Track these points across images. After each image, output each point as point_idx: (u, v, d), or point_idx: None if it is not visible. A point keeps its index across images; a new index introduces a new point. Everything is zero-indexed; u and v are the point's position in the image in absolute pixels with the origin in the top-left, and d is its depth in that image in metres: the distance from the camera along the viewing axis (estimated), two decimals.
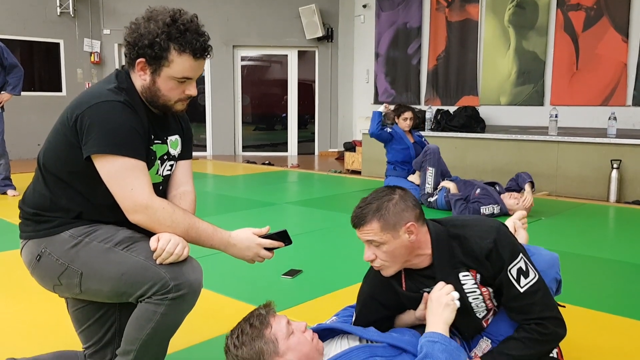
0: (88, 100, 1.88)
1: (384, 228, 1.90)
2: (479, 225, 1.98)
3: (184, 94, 1.98)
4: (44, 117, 10.24)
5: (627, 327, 2.98)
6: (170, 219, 1.89)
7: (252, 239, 2.02)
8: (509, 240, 1.96)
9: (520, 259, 1.92)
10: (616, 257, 4.33)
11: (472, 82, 9.92)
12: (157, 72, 1.92)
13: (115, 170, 1.85)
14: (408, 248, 1.94)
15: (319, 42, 11.78)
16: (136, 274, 1.85)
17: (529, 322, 1.90)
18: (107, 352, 2.13)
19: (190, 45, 1.89)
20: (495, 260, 1.91)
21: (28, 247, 1.98)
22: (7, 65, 6.53)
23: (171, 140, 2.10)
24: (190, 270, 1.88)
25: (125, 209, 1.88)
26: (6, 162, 6.77)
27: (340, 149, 11.46)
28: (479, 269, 1.95)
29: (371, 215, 1.92)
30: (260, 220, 5.58)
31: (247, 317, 1.87)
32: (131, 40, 1.91)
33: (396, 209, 1.91)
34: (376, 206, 1.92)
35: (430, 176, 6.09)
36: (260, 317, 1.85)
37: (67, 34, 11.19)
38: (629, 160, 6.79)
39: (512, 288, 1.90)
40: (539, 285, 1.92)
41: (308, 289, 3.48)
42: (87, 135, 1.84)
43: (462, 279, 1.97)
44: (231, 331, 1.87)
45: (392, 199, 1.93)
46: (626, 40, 8.25)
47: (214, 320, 2.98)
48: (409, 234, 1.91)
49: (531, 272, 1.93)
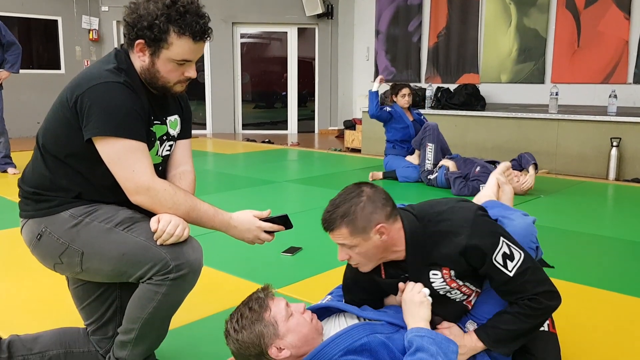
0: (88, 81, 1.86)
1: (353, 232, 1.85)
2: (453, 219, 1.91)
3: (183, 76, 1.97)
4: (43, 95, 10.22)
5: (624, 304, 3.01)
6: (172, 200, 1.89)
7: (252, 222, 2.03)
8: (486, 228, 1.90)
9: (502, 244, 1.88)
10: (615, 234, 4.35)
11: (473, 60, 9.87)
12: (156, 54, 1.91)
13: (116, 152, 1.85)
14: (381, 247, 1.90)
15: (319, 19, 11.70)
16: (137, 254, 1.86)
17: (523, 299, 1.89)
18: (108, 329, 2.14)
19: (190, 27, 1.87)
20: (473, 254, 1.87)
21: (28, 226, 1.98)
22: (5, 42, 6.50)
23: (170, 120, 2.10)
24: (191, 251, 1.89)
25: (127, 191, 1.89)
26: (6, 140, 6.77)
27: (340, 127, 11.44)
28: (452, 266, 1.92)
29: (339, 220, 1.86)
30: (260, 199, 5.59)
31: (246, 301, 1.87)
32: (130, 21, 1.89)
33: (364, 212, 1.85)
34: (343, 211, 1.85)
35: (430, 152, 6.08)
36: (259, 301, 1.85)
37: (65, 11, 11.11)
38: (629, 138, 6.79)
39: (501, 274, 1.87)
40: (527, 264, 1.88)
41: (308, 267, 3.51)
42: (87, 118, 1.83)
43: (431, 277, 1.95)
44: (230, 315, 1.87)
45: (360, 201, 1.86)
46: (628, 17, 8.20)
47: (214, 297, 3.01)
48: (380, 234, 1.86)
49: (516, 253, 1.89)
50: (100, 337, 2.15)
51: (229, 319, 1.87)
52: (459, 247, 1.86)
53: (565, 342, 2.42)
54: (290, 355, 1.81)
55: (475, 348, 1.93)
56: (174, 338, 2.45)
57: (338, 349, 1.79)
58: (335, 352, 1.78)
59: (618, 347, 2.52)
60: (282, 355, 1.80)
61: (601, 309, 2.93)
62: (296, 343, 1.81)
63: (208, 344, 2.52)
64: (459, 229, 1.88)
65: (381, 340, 1.82)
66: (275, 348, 1.80)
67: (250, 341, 1.80)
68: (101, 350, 2.14)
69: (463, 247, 1.86)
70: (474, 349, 1.93)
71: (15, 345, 2.11)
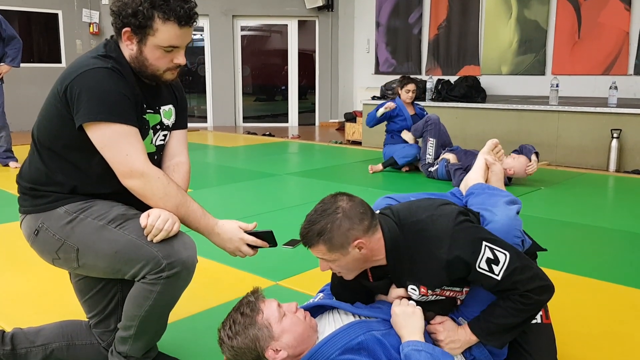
0: (76, 70, 1.86)
1: (331, 249, 1.82)
2: (432, 230, 1.86)
3: (172, 63, 1.95)
4: (44, 88, 10.10)
5: (624, 295, 3.02)
6: (164, 190, 1.89)
7: (236, 233, 1.99)
8: (466, 237, 1.84)
9: (485, 249, 1.82)
10: (615, 226, 4.37)
11: (474, 52, 9.86)
12: (143, 42, 1.90)
13: (108, 137, 1.85)
14: (361, 260, 1.87)
15: (319, 12, 11.68)
16: (129, 252, 1.86)
17: (514, 294, 1.87)
18: (110, 322, 2.16)
19: (175, 12, 1.85)
20: (456, 267, 1.83)
21: (27, 221, 2.00)
22: (6, 36, 6.50)
23: (164, 110, 2.09)
24: (183, 248, 1.88)
25: (120, 175, 1.88)
26: (7, 134, 6.78)
27: (340, 119, 11.44)
28: (432, 281, 1.88)
29: (316, 238, 1.81)
30: (261, 191, 5.60)
31: (237, 307, 1.85)
32: (115, 9, 1.89)
33: (341, 230, 1.79)
34: (319, 229, 1.80)
35: (431, 147, 6.13)
36: (251, 304, 1.83)
37: (65, 5, 11.09)
38: (629, 129, 6.79)
39: (488, 279, 1.83)
40: (514, 264, 1.83)
41: (308, 259, 3.49)
42: (77, 105, 1.83)
43: (409, 291, 1.93)
44: (222, 323, 1.84)
45: (336, 219, 1.80)
46: (629, 8, 8.19)
47: (215, 290, 3.02)
48: (358, 249, 1.82)
49: (501, 255, 1.83)
50: (102, 329, 2.16)
51: (222, 326, 1.84)
52: (442, 262, 1.82)
53: (563, 332, 2.44)
54: (288, 356, 1.79)
55: (469, 341, 1.93)
56: (175, 330, 2.47)
57: (335, 347, 1.78)
58: (332, 351, 1.78)
59: (616, 338, 2.53)
60: (279, 357, 1.78)
61: (601, 300, 2.95)
62: (292, 343, 1.80)
63: (209, 336, 2.53)
64: (438, 241, 1.84)
65: (377, 338, 1.82)
66: (271, 350, 1.78)
67: (246, 346, 1.78)
68: (103, 342, 2.16)
69: (445, 261, 1.82)
70: (468, 342, 1.93)
71: (18, 338, 2.13)
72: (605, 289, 3.11)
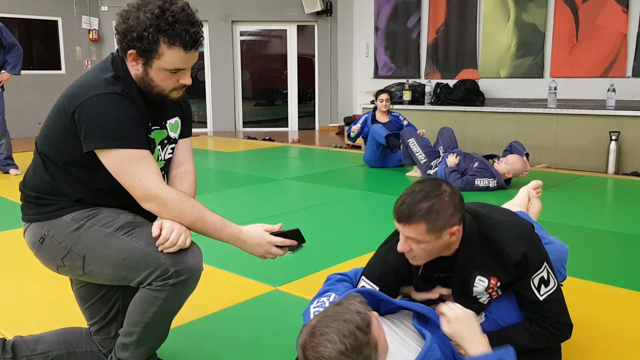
0: (86, 92, 1.85)
1: (429, 231, 1.82)
2: (510, 230, 1.93)
3: (178, 83, 1.96)
4: (44, 95, 10.24)
5: (623, 298, 3.03)
6: (178, 209, 1.90)
7: (263, 236, 2.00)
8: (538, 250, 1.94)
9: (544, 269, 1.93)
10: (614, 228, 4.38)
11: (472, 55, 9.88)
12: (148, 64, 1.89)
13: (120, 163, 1.86)
14: (443, 247, 1.90)
15: (318, 17, 11.71)
16: (137, 260, 1.87)
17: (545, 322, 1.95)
18: (111, 329, 2.17)
19: (180, 37, 1.84)
20: (522, 269, 1.92)
21: (31, 229, 2.00)
22: (7, 44, 6.52)
23: (170, 123, 2.10)
24: (190, 256, 1.90)
25: (137, 198, 1.90)
26: (7, 141, 6.80)
27: (340, 123, 11.45)
28: (501, 276, 1.94)
29: (420, 217, 1.80)
30: (261, 196, 5.62)
31: (344, 317, 1.49)
32: (121, 30, 1.88)
33: (446, 212, 1.81)
34: (427, 208, 1.80)
35: (413, 145, 6.29)
36: (364, 317, 1.52)
37: (65, 12, 11.12)
38: (628, 131, 6.80)
39: (531, 294, 1.93)
40: (557, 294, 1.95)
41: (309, 263, 3.53)
42: (86, 130, 1.83)
43: (476, 282, 1.97)
44: (324, 335, 1.46)
45: (443, 202, 1.82)
46: (626, 11, 8.21)
47: (215, 296, 3.03)
48: (450, 235, 1.86)
49: (552, 281, 1.94)
50: (103, 336, 2.18)
51: (324, 341, 1.44)
52: (514, 260, 1.90)
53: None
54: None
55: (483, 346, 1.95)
56: (175, 337, 2.48)
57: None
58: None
59: (614, 340, 2.54)
60: None
61: (600, 303, 2.96)
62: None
63: (209, 342, 2.55)
64: (516, 242, 1.91)
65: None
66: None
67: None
68: (104, 349, 2.17)
69: (518, 261, 1.90)
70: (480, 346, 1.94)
71: (19, 346, 2.14)
72: (604, 291, 3.12)
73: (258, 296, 3.06)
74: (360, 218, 4.98)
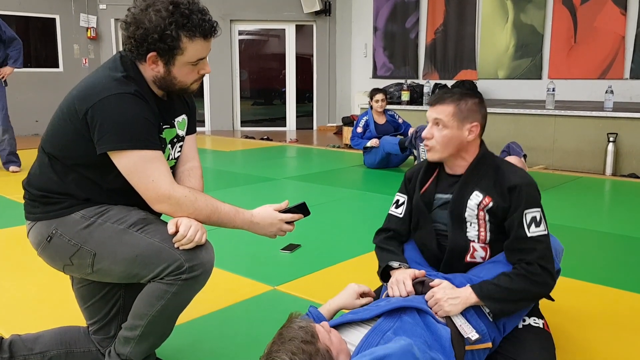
0: (98, 93, 1.82)
1: (455, 114, 2.11)
2: (520, 170, 2.13)
3: (198, 74, 1.97)
4: (42, 93, 10.21)
5: (621, 299, 3.04)
6: (193, 207, 1.90)
7: (274, 216, 2.06)
8: (536, 194, 2.09)
9: (538, 211, 2.05)
10: (611, 230, 4.38)
11: (470, 56, 9.89)
12: (170, 62, 1.89)
13: (134, 164, 1.85)
14: (460, 144, 2.14)
15: (317, 16, 11.71)
16: (150, 256, 1.86)
17: (523, 261, 2.00)
18: (110, 328, 2.17)
19: (200, 28, 1.86)
20: (516, 197, 2.05)
21: (37, 228, 1.96)
22: (6, 38, 6.53)
23: (178, 121, 2.10)
24: (204, 252, 1.90)
25: (148, 200, 1.89)
26: (10, 136, 6.77)
27: (338, 123, 11.46)
28: (494, 197, 2.09)
29: (450, 99, 2.13)
30: (259, 196, 5.61)
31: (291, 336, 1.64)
32: (138, 36, 1.84)
33: (473, 107, 2.14)
34: (459, 95, 2.14)
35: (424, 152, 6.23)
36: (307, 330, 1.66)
37: (63, 9, 11.11)
38: (625, 133, 6.81)
39: (520, 230, 2.02)
40: (546, 240, 2.03)
41: (306, 263, 3.53)
42: (99, 131, 1.81)
43: (472, 196, 2.12)
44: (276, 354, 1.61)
45: (475, 98, 2.15)
46: (624, 12, 8.22)
47: (213, 295, 3.02)
48: (469, 132, 2.12)
49: (542, 226, 2.04)
50: (102, 336, 2.17)
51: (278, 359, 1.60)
52: (512, 183, 2.07)
53: (561, 337, 2.46)
54: None
55: (468, 300, 1.97)
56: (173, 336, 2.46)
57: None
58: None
59: (614, 343, 2.54)
60: None
61: (597, 304, 2.96)
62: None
63: (208, 341, 2.55)
64: (520, 174, 2.11)
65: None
66: None
67: None
68: (102, 349, 2.16)
69: (515, 184, 2.06)
70: (466, 301, 1.97)
71: (16, 345, 2.12)
72: (602, 292, 3.12)
73: (256, 296, 3.06)
74: (358, 218, 4.98)
